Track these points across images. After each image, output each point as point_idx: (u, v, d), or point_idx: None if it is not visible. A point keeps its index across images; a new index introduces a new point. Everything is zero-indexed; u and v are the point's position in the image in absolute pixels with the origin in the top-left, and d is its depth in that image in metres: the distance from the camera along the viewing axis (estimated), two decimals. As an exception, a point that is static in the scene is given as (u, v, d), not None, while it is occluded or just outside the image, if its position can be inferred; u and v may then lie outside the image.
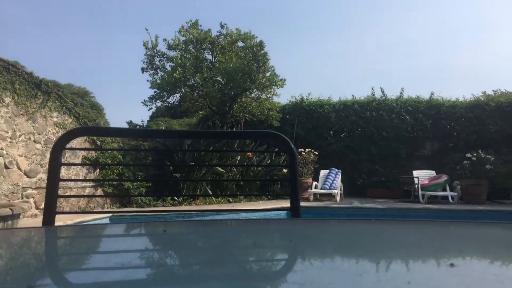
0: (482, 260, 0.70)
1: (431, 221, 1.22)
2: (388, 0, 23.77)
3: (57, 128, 7.72)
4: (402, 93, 12.41)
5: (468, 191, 9.60)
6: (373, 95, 12.58)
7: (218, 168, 9.79)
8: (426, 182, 9.94)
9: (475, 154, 9.80)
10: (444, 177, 9.79)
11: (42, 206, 1.32)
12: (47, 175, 1.32)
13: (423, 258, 0.70)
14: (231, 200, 9.67)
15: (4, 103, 6.50)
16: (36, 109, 7.20)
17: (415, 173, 10.37)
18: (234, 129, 11.79)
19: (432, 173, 10.50)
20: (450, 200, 9.52)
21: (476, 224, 1.27)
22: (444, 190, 9.78)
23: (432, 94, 12.22)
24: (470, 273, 0.58)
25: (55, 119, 7.75)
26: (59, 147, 1.36)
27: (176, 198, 9.16)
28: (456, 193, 9.55)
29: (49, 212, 1.29)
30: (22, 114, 6.87)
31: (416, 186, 9.89)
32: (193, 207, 8.78)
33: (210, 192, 9.81)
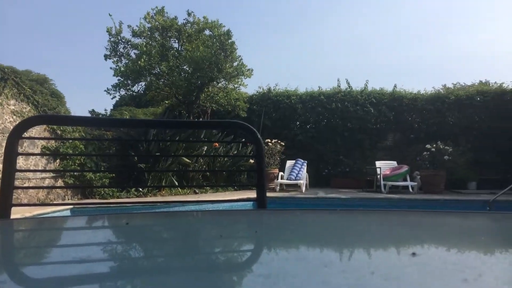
0: (442, 249, 0.72)
1: (392, 211, 1.25)
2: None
3: (14, 117, 7.39)
4: (366, 85, 12.69)
5: (427, 181, 9.96)
6: (339, 86, 12.80)
7: (184, 158, 9.70)
8: (388, 173, 10.24)
9: (434, 145, 10.16)
10: (405, 168, 10.11)
11: (-3, 198, 1.26)
12: (2, 165, 1.25)
13: (386, 248, 0.72)
14: (197, 191, 9.61)
15: (-45, 89, 6.15)
16: (-9, 96, 6.86)
17: (378, 163, 10.65)
18: (201, 119, 11.69)
19: (394, 163, 10.82)
20: (411, 190, 9.86)
21: (435, 213, 1.31)
22: (405, 180, 10.11)
23: (395, 86, 12.58)
24: (431, 261, 0.59)
25: (12, 107, 7.41)
26: (15, 136, 1.30)
27: (140, 189, 9.00)
28: (416, 183, 9.89)
29: (5, 204, 1.23)
30: (-25, 101, 6.53)
31: (379, 176, 10.17)
32: (158, 199, 8.67)
33: (176, 183, 9.71)
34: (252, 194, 1.49)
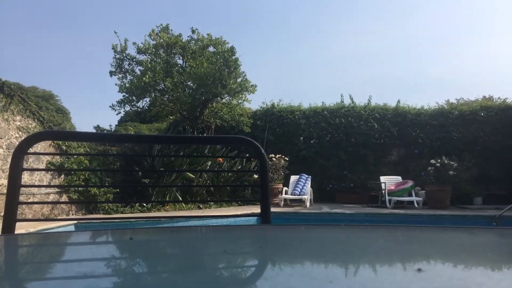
0: (449, 264, 0.72)
1: (398, 226, 1.24)
2: (355, 11, 24.36)
3: (20, 132, 7.45)
4: (370, 100, 12.72)
5: (432, 196, 9.89)
6: (342, 102, 12.84)
7: (188, 173, 9.69)
8: (393, 188, 10.18)
9: (439, 160, 10.12)
10: (410, 183, 10.05)
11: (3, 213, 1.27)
12: (7, 180, 1.26)
13: (392, 264, 0.71)
14: (201, 206, 9.58)
15: (-38, 106, 6.22)
16: (-3, 112, 6.92)
17: (382, 178, 10.60)
18: (205, 134, 11.72)
19: (399, 178, 10.76)
20: (416, 205, 9.78)
21: (441, 229, 1.30)
22: (410, 195, 10.04)
23: (398, 102, 12.59)
24: (437, 278, 0.59)
25: (18, 123, 7.47)
26: (20, 152, 1.31)
27: (144, 204, 8.99)
28: (421, 198, 9.81)
29: (9, 220, 1.23)
30: (-18, 117, 6.59)
31: (383, 191, 10.11)
32: (162, 214, 8.64)
33: (180, 198, 9.69)
34: (256, 209, 1.48)
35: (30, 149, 1.36)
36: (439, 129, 11.85)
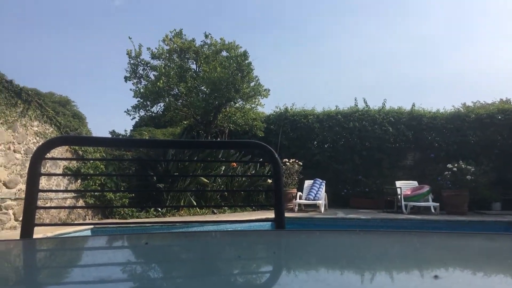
0: (466, 271, 0.70)
1: (414, 232, 1.23)
2: (369, 14, 24.24)
3: (37, 138, 7.58)
4: (384, 104, 12.62)
5: (450, 201, 9.73)
6: (356, 106, 12.76)
7: (202, 178, 9.73)
8: (409, 193, 10.05)
9: (456, 164, 9.96)
10: (426, 188, 9.91)
11: (22, 218, 1.29)
12: (25, 185, 1.28)
13: (408, 270, 0.70)
14: (215, 211, 9.60)
15: (-18, 112, 6.36)
16: (16, 118, 7.06)
17: (398, 183, 10.48)
18: (219, 139, 11.76)
19: (415, 183, 10.63)
20: (433, 210, 9.63)
21: (458, 235, 1.28)
22: (427, 200, 9.89)
23: (413, 105, 12.45)
24: (454, 285, 0.58)
25: (36, 128, 7.61)
26: (38, 157, 1.33)
27: (159, 209, 9.04)
28: (438, 204, 9.66)
29: (28, 224, 1.25)
30: (1, 123, 6.72)
31: (399, 196, 9.99)
32: (177, 218, 8.68)
33: (194, 203, 9.72)
34: (270, 214, 1.48)
35: (48, 154, 1.38)
36: (455, 132, 11.67)
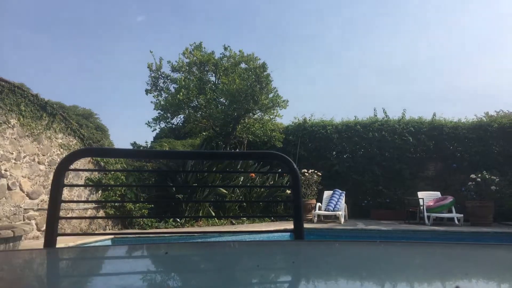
0: (489, 283, 0.69)
1: (436, 243, 1.21)
2: (388, 24, 24.09)
3: (61, 150, 7.76)
4: (404, 114, 12.47)
5: (474, 212, 9.49)
6: (375, 116, 12.64)
7: (221, 189, 9.76)
8: (432, 204, 9.85)
9: (479, 175, 9.73)
10: (450, 199, 9.70)
11: (44, 228, 1.32)
12: (49, 196, 1.31)
13: (429, 281, 0.69)
14: (234, 221, 9.59)
15: (10, 125, 6.56)
16: (41, 131, 7.25)
17: (420, 194, 10.29)
18: (237, 150, 11.80)
19: (437, 194, 10.41)
20: (456, 222, 9.40)
21: (482, 246, 1.25)
22: (450, 211, 9.67)
23: (434, 115, 12.27)
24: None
25: (60, 140, 7.79)
26: (62, 168, 1.36)
27: (178, 219, 9.09)
28: (462, 215, 9.43)
29: (51, 234, 1.28)
30: (27, 135, 6.91)
31: (422, 207, 9.79)
32: (196, 229, 8.71)
33: (213, 213, 9.75)
34: (289, 225, 1.47)
35: (71, 166, 1.41)
36: (477, 142, 11.42)
